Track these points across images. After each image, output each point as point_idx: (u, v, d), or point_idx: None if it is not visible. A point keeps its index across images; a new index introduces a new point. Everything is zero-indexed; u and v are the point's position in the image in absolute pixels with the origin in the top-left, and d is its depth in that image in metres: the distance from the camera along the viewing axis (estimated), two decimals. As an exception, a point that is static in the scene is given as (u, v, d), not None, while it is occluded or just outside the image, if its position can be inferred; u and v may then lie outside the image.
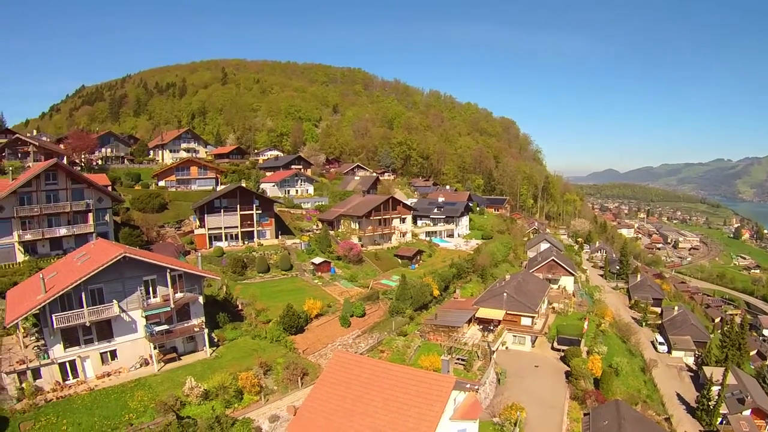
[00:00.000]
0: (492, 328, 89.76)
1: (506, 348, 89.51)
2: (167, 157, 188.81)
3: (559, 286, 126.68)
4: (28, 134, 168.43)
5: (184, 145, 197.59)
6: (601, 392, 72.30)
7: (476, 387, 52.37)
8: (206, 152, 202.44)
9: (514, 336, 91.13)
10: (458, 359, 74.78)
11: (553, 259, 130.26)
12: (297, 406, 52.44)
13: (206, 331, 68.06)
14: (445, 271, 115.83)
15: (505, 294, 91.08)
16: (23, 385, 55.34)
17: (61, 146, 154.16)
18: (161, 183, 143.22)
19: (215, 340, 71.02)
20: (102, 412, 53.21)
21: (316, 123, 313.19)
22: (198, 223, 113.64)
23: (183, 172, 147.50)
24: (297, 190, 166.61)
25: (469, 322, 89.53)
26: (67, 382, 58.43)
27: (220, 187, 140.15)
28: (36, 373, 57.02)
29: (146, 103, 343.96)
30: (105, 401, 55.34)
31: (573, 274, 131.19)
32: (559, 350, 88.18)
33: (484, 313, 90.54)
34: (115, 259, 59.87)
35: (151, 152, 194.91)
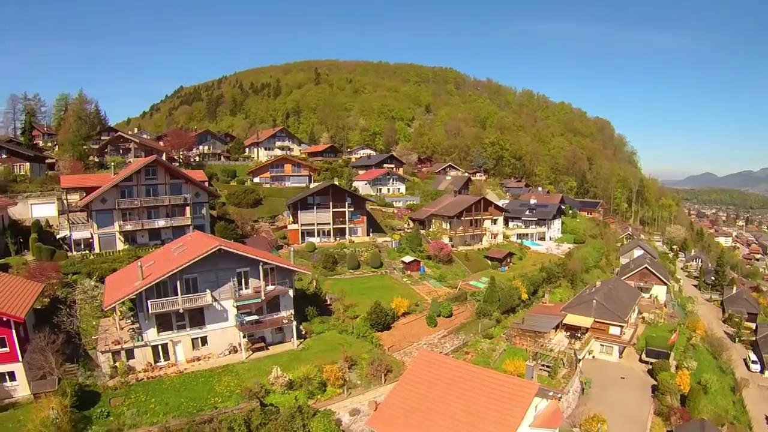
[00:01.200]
0: (579, 335, 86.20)
1: (593, 357, 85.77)
2: (262, 155, 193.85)
3: (650, 295, 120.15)
4: (130, 132, 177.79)
5: (278, 143, 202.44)
6: (687, 410, 67.43)
7: (559, 395, 50.59)
8: (300, 150, 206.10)
9: (601, 345, 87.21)
10: (543, 365, 72.70)
11: (645, 267, 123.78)
12: (378, 402, 52.19)
13: (295, 323, 68.32)
14: (535, 274, 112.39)
15: (594, 301, 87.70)
16: (117, 364, 58.08)
17: (161, 143, 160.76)
18: (256, 179, 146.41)
19: (303, 332, 71.19)
20: (189, 394, 54.65)
21: (408, 122, 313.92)
22: (291, 218, 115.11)
23: (277, 170, 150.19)
24: (389, 189, 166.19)
25: (556, 328, 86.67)
26: (158, 364, 60.69)
27: (313, 185, 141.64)
28: (129, 354, 59.62)
29: (242, 102, 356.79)
30: (193, 384, 56.85)
31: (666, 284, 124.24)
32: (646, 362, 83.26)
33: (572, 319, 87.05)
34: (210, 251, 61.39)
35: (247, 150, 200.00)
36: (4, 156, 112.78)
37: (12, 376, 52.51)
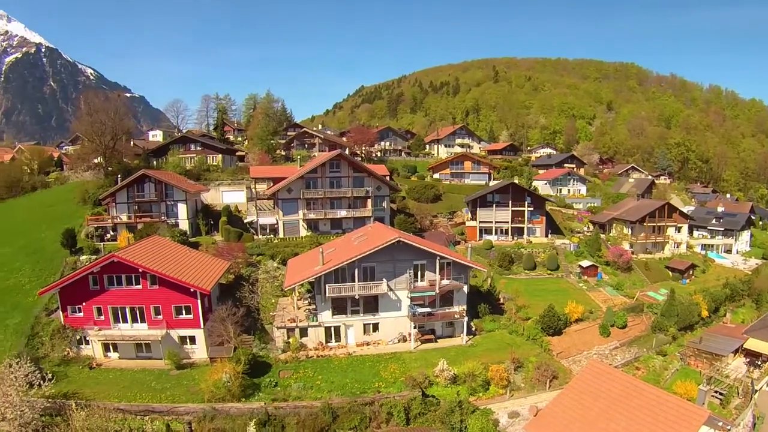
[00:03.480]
0: (759, 363, 76.05)
1: (771, 389, 75.25)
2: (442, 152, 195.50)
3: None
4: (314, 128, 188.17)
5: (458, 141, 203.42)
6: None
7: (729, 427, 44.72)
8: (479, 148, 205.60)
9: (782, 377, 76.10)
10: (716, 392, 65.48)
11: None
12: (539, 408, 50.23)
13: (466, 319, 67.67)
14: (718, 290, 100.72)
15: (779, 325, 76.88)
16: (290, 339, 62.27)
17: (344, 139, 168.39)
18: (436, 175, 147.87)
19: (473, 329, 70.30)
20: (355, 375, 56.42)
21: (589, 121, 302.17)
22: (469, 215, 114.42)
23: (457, 166, 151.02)
24: (569, 190, 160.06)
25: (735, 352, 77.04)
26: (329, 344, 63.84)
27: (492, 182, 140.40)
28: (303, 332, 63.50)
29: (421, 100, 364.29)
30: (359, 367, 58.73)
31: None
32: (829, 403, 71.44)
33: (753, 344, 76.43)
34: (389, 243, 62.94)
35: (427, 146, 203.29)
36: (198, 148, 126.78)
37: (193, 340, 58.97)
